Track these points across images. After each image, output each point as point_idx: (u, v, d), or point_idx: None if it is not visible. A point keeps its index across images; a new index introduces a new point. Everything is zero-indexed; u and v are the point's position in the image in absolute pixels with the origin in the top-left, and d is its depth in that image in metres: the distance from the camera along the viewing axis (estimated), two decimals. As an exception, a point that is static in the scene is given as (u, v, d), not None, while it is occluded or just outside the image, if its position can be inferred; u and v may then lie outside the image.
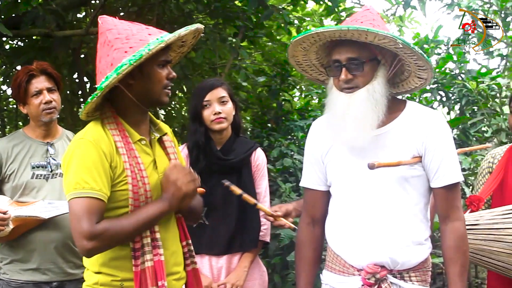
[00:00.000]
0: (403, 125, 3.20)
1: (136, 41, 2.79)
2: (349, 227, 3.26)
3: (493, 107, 8.12)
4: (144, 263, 2.84)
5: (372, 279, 3.17)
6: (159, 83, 2.91)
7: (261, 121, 8.65)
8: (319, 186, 3.43)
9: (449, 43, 9.51)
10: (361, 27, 2.96)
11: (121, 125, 2.92)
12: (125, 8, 8.22)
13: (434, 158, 3.16)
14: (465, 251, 3.23)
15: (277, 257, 6.03)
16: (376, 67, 3.10)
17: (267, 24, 8.37)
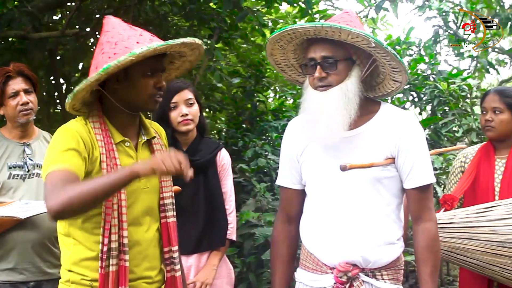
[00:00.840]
0: (377, 127, 3.19)
1: (122, 48, 2.75)
2: (322, 226, 3.25)
3: (464, 108, 8.17)
4: (108, 267, 2.82)
5: (344, 277, 3.16)
6: (144, 91, 2.87)
7: (235, 121, 8.66)
8: (294, 185, 3.42)
9: (420, 44, 9.56)
10: (334, 24, 2.95)
11: (105, 125, 2.90)
12: (100, 10, 8.21)
13: (407, 159, 3.15)
14: (437, 251, 3.24)
15: (252, 256, 6.02)
16: (350, 67, 3.08)
17: (242, 26, 8.37)
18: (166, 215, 3.12)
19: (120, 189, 2.72)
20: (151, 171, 2.55)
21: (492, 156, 4.40)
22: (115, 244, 2.83)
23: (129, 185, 2.79)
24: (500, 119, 4.30)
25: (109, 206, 2.81)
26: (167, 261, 3.11)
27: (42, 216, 3.92)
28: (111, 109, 2.94)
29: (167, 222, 3.12)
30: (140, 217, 2.98)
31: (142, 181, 2.97)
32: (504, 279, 3.94)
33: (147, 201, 3.02)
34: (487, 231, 3.88)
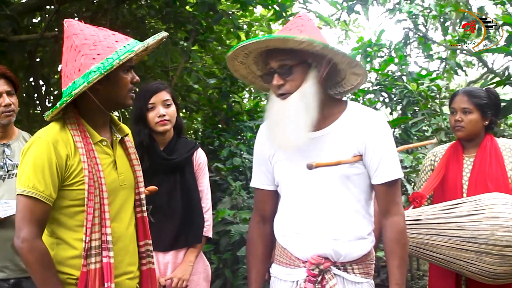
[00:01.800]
0: (344, 125, 3.20)
1: (104, 48, 2.78)
2: (295, 222, 3.26)
3: (433, 108, 8.21)
4: (90, 265, 2.82)
5: (316, 270, 3.16)
6: (125, 87, 2.91)
7: (211, 122, 8.67)
8: (268, 186, 3.43)
9: (391, 46, 9.61)
10: (278, 36, 3.00)
11: (83, 126, 2.90)
12: (79, 13, 8.19)
13: (374, 156, 3.17)
14: (404, 244, 3.26)
15: (228, 253, 6.04)
16: (307, 70, 3.09)
17: (217, 29, 8.38)
18: (142, 210, 3.14)
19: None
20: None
21: (460, 155, 4.44)
22: (98, 242, 2.84)
23: (109, 183, 2.88)
24: (469, 119, 4.34)
25: (91, 205, 2.82)
26: (143, 255, 3.13)
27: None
28: (87, 111, 2.95)
29: (143, 216, 3.14)
30: (120, 213, 2.99)
31: (121, 178, 3.01)
32: (470, 273, 3.97)
33: (124, 197, 3.04)
34: (453, 227, 3.92)
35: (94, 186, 2.84)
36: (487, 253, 3.81)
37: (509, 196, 3.96)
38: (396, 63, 8.93)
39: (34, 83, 8.04)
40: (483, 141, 4.37)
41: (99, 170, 2.87)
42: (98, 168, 2.87)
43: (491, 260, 3.81)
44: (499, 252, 3.78)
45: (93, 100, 2.87)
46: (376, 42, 9.53)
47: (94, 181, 2.85)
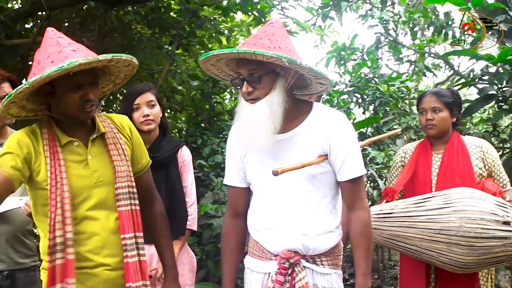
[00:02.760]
0: (309, 127, 3.22)
1: (39, 68, 2.77)
2: (266, 219, 3.28)
3: (403, 108, 8.25)
4: (55, 261, 2.81)
5: (287, 263, 3.19)
6: (72, 105, 2.88)
7: (195, 121, 8.66)
8: (240, 184, 3.45)
9: (363, 50, 9.62)
10: (248, 49, 2.96)
11: (51, 130, 2.91)
12: (69, 19, 8.15)
13: (338, 155, 3.18)
14: (369, 236, 3.27)
15: (210, 245, 6.05)
16: (275, 79, 3.09)
17: (200, 34, 8.37)
18: (126, 203, 3.08)
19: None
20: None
21: (429, 151, 4.48)
22: (61, 239, 2.82)
23: (78, 181, 2.91)
24: (440, 117, 4.39)
25: (53, 204, 2.83)
26: (128, 247, 3.06)
27: (15, 211, 3.93)
28: (56, 118, 2.96)
29: (125, 210, 3.08)
30: (96, 208, 2.97)
31: (96, 175, 2.99)
32: (440, 263, 4.00)
33: (102, 194, 3.01)
34: (424, 219, 3.94)
35: (56, 186, 2.84)
36: (457, 244, 3.84)
37: (476, 190, 4.00)
38: (369, 66, 8.97)
39: (26, 85, 7.99)
40: (450, 138, 4.43)
41: (62, 171, 2.87)
42: (61, 169, 2.87)
43: (460, 250, 3.84)
44: (468, 243, 3.81)
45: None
46: (349, 46, 9.56)
47: (56, 181, 2.84)
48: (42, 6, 6.63)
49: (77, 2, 7.51)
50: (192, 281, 4.37)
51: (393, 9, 9.94)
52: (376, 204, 4.46)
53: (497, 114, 6.07)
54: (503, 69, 5.69)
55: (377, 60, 9.31)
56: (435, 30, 9.72)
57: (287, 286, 3.22)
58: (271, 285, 3.23)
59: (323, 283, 3.26)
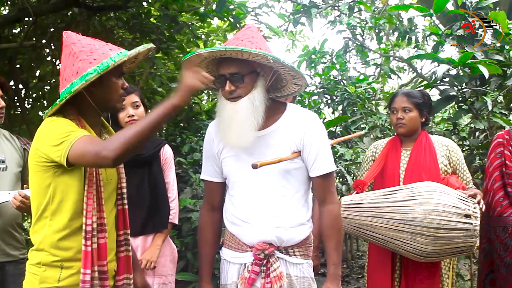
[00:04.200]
0: (284, 125, 3.26)
1: (99, 54, 2.78)
2: (242, 212, 3.31)
3: (370, 108, 8.27)
4: (93, 244, 2.80)
5: (262, 255, 3.23)
6: (117, 91, 2.91)
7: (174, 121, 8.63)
8: (216, 178, 3.47)
9: (333, 54, 9.65)
10: (236, 47, 3.00)
11: (82, 122, 2.89)
12: (54, 24, 8.12)
13: (310, 152, 3.23)
14: (339, 228, 3.33)
15: (189, 237, 6.04)
16: (255, 78, 3.14)
17: (179, 38, 8.35)
18: (123, 203, 3.13)
19: (166, 122, 2.88)
20: (189, 93, 2.68)
21: (399, 148, 4.54)
22: (96, 224, 2.83)
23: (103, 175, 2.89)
24: (410, 116, 4.45)
25: (90, 191, 2.82)
26: (122, 243, 3.11)
27: (4, 205, 3.90)
28: (83, 111, 2.93)
29: (124, 208, 3.13)
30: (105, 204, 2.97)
31: (108, 173, 3.00)
32: (404, 251, 4.06)
33: (109, 191, 3.03)
34: (391, 210, 4.00)
35: (93, 174, 2.84)
36: (420, 234, 3.89)
37: (440, 184, 4.06)
38: (337, 68, 8.98)
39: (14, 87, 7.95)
40: (419, 136, 4.50)
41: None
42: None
43: (424, 240, 3.90)
44: (431, 233, 3.87)
45: (89, 101, 2.86)
46: (319, 50, 9.58)
47: (94, 169, 2.85)
48: (28, 12, 6.60)
49: (62, 8, 7.47)
50: (173, 271, 4.39)
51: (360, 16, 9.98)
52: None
53: (457, 114, 6.15)
54: (463, 72, 5.76)
55: (345, 63, 9.33)
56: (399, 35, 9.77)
57: (262, 276, 3.26)
58: (247, 275, 3.28)
59: (296, 273, 3.31)
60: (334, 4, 9.87)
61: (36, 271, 2.88)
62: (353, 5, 9.45)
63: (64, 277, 2.84)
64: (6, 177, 4.06)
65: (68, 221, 2.83)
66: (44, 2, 7.49)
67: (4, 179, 4.06)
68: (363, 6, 9.48)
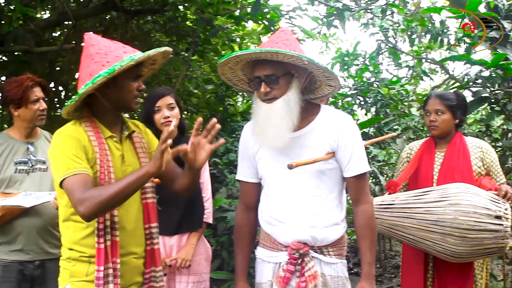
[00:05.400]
0: (318, 127, 3.24)
1: (113, 57, 2.80)
2: (277, 212, 3.30)
3: (402, 109, 8.24)
4: (106, 242, 2.84)
5: (297, 254, 3.21)
6: (130, 93, 2.93)
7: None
8: (252, 179, 3.47)
9: (365, 56, 9.61)
10: (272, 49, 3.00)
11: (95, 123, 2.93)
12: (93, 28, 8.17)
13: (345, 153, 3.22)
14: (373, 228, 3.31)
15: (225, 236, 6.05)
16: (290, 80, 3.12)
17: (214, 41, 8.36)
18: (147, 197, 3.13)
19: (139, 188, 2.83)
20: (159, 168, 2.70)
21: (433, 149, 4.50)
22: (109, 222, 2.85)
23: (117, 174, 2.91)
24: (443, 118, 4.41)
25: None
26: (147, 236, 3.12)
27: (45, 205, 3.96)
28: (99, 111, 2.98)
29: (147, 202, 3.13)
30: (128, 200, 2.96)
31: (129, 170, 3.00)
32: (435, 252, 4.03)
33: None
34: (422, 211, 3.97)
35: (104, 173, 2.86)
36: (450, 235, 3.86)
37: (471, 186, 4.02)
38: (370, 70, 8.96)
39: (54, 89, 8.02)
40: (453, 138, 4.45)
41: (109, 160, 2.90)
42: (108, 158, 2.90)
43: (454, 241, 3.86)
44: (461, 234, 3.83)
45: (103, 102, 2.91)
46: (352, 52, 9.54)
47: (105, 169, 2.87)
48: (68, 16, 6.66)
49: (101, 12, 7.54)
50: (207, 269, 4.38)
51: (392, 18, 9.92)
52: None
53: (490, 115, 6.08)
54: (495, 73, 5.69)
55: (378, 65, 9.29)
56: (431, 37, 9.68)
57: (297, 275, 3.24)
58: (283, 274, 3.27)
59: (330, 272, 3.29)
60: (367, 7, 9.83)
61: (66, 265, 2.96)
62: (386, 7, 9.38)
63: (92, 272, 2.87)
64: (47, 177, 4.12)
65: (84, 224, 2.87)
66: (83, 6, 7.55)
67: (45, 179, 4.13)
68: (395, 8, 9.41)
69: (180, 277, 4.18)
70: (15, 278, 4.05)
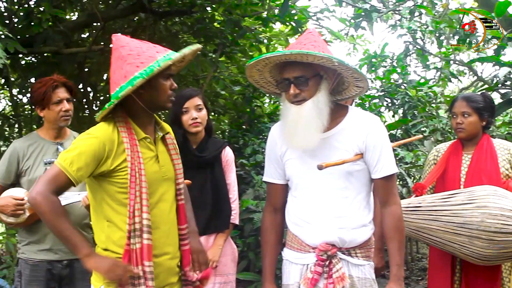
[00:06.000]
0: (346, 128, 3.23)
1: (146, 58, 2.81)
2: (305, 213, 3.29)
3: (430, 111, 8.18)
4: (134, 244, 2.86)
5: (325, 256, 3.20)
6: (164, 93, 2.95)
7: (237, 123, 8.67)
8: (279, 180, 3.46)
9: (393, 57, 9.57)
10: (302, 50, 3.00)
11: (129, 124, 2.95)
12: (122, 29, 8.22)
13: (373, 154, 3.21)
14: (402, 229, 3.29)
15: (251, 237, 6.05)
16: (319, 81, 3.12)
17: (242, 43, 8.37)
18: (181, 198, 3.17)
19: (68, 245, 2.91)
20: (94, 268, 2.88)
21: (460, 151, 4.49)
22: (139, 225, 2.86)
23: (151, 175, 2.93)
24: (469, 121, 4.39)
25: (132, 193, 2.86)
26: (184, 236, 3.16)
27: (74, 205, 4.02)
28: (133, 111, 2.99)
29: (182, 204, 3.17)
30: (161, 201, 3.02)
31: (163, 170, 3.05)
32: (462, 255, 4.01)
33: (166, 187, 3.07)
34: (449, 214, 3.96)
35: (135, 176, 2.88)
36: (477, 238, 3.84)
37: (499, 188, 3.99)
38: (398, 72, 8.91)
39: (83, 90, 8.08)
40: (480, 140, 4.43)
41: (140, 163, 2.91)
42: (140, 161, 2.91)
43: (481, 244, 3.84)
44: (488, 237, 3.81)
45: (138, 103, 2.92)
46: (380, 54, 9.49)
47: (136, 172, 2.88)
48: (97, 17, 6.71)
49: (129, 13, 7.58)
50: (234, 270, 4.39)
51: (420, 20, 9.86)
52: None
53: (518, 117, 6.03)
54: (524, 75, 5.64)
55: (405, 67, 9.24)
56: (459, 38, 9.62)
57: (325, 276, 3.23)
58: (310, 276, 3.25)
59: (358, 274, 3.28)
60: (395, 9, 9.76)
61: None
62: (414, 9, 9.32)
63: None
64: (76, 178, 4.12)
65: (121, 222, 2.91)
66: (112, 7, 7.60)
67: (74, 180, 4.14)
68: (424, 10, 9.34)
69: (206, 277, 4.18)
70: (43, 277, 4.09)
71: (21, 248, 4.18)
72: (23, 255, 4.15)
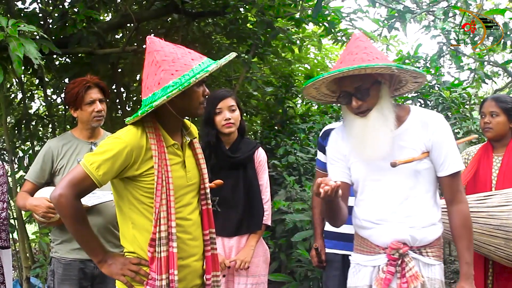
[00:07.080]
0: (411, 126, 3.22)
1: (181, 65, 2.80)
2: (374, 214, 3.29)
3: (464, 113, 8.14)
4: (159, 253, 2.85)
5: (396, 254, 3.19)
6: (197, 100, 2.94)
7: (269, 124, 8.68)
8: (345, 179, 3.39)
9: (427, 59, 9.51)
10: (359, 65, 2.95)
11: (159, 131, 2.93)
12: (155, 30, 8.25)
13: (440, 152, 3.19)
14: (470, 227, 3.26)
15: (283, 239, 6.05)
16: (379, 88, 3.09)
17: (274, 43, 8.37)
18: (207, 203, 3.16)
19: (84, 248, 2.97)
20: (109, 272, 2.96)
21: (490, 153, 4.48)
22: (165, 233, 2.85)
23: (177, 181, 2.92)
24: (497, 121, 4.39)
25: (158, 201, 2.86)
26: (208, 242, 3.14)
27: (106, 204, 4.04)
28: (163, 117, 2.97)
29: (208, 208, 3.16)
30: (188, 205, 3.02)
31: (189, 175, 3.04)
32: (497, 257, 3.98)
33: (192, 192, 3.07)
34: (485, 215, 3.92)
35: (162, 184, 2.86)
36: (514, 240, 3.78)
37: (534, 190, 3.94)
38: (432, 73, 8.85)
39: (116, 90, 8.11)
40: (510, 142, 4.42)
41: (168, 171, 2.90)
42: (167, 168, 2.90)
43: (517, 246, 3.79)
44: (525, 240, 3.75)
45: (170, 110, 2.91)
46: (413, 55, 9.45)
47: (162, 179, 2.87)
48: (131, 18, 6.72)
49: (162, 14, 7.60)
50: (265, 272, 4.40)
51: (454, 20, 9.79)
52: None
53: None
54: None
55: (439, 68, 9.18)
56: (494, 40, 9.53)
57: (398, 276, 3.23)
58: (383, 276, 3.24)
59: (428, 274, 3.26)
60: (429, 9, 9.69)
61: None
62: (448, 10, 9.25)
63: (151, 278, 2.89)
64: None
65: (147, 227, 2.91)
66: (145, 8, 7.62)
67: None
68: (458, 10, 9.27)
69: (238, 278, 4.21)
70: (76, 276, 4.12)
71: (54, 247, 4.22)
72: (56, 254, 4.18)
